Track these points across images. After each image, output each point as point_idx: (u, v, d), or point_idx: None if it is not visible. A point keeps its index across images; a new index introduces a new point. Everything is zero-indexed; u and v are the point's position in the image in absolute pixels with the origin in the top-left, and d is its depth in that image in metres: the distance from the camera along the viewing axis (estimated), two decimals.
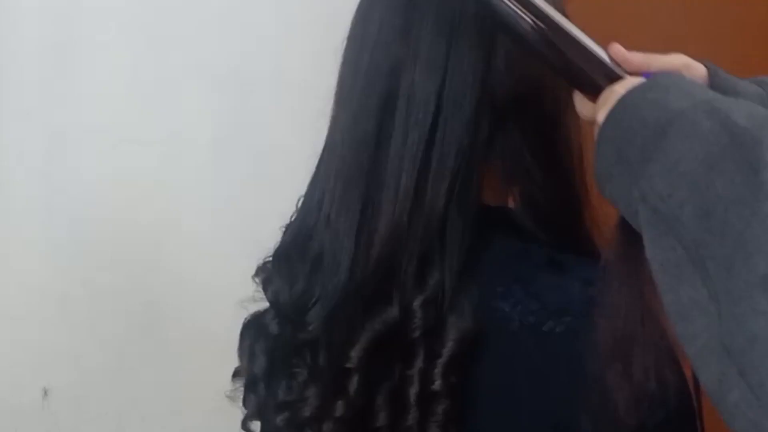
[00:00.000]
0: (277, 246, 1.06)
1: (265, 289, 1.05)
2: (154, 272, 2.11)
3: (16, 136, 2.07)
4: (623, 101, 0.78)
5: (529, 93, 0.96)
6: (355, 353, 0.90)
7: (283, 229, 1.07)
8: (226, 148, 2.12)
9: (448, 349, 0.88)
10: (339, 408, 0.91)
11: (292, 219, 1.06)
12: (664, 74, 0.81)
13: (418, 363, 0.89)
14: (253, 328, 1.06)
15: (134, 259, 2.11)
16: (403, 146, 0.92)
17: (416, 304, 0.89)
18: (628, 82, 0.83)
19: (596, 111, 0.84)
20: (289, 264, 1.01)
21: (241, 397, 1.10)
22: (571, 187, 0.98)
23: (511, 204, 1.01)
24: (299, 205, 1.06)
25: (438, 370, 0.88)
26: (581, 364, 0.84)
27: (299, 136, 1.07)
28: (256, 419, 1.05)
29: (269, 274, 1.05)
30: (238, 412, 1.16)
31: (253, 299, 1.10)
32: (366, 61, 0.96)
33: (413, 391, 0.88)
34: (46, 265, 2.09)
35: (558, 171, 0.97)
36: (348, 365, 0.90)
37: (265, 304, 1.08)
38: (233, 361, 1.15)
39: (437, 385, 0.88)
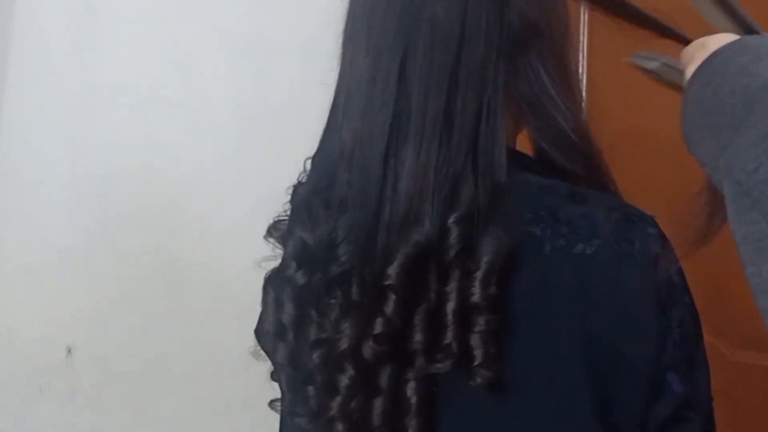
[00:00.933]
0: (294, 201, 1.06)
1: (284, 244, 1.06)
2: (177, 233, 2.13)
3: (42, 98, 2.08)
4: (711, 62, 0.77)
5: (544, 20, 0.98)
6: (392, 270, 0.91)
7: (291, 190, 1.07)
8: (249, 111, 2.13)
9: (484, 263, 0.89)
10: (378, 325, 0.92)
11: (302, 179, 1.06)
12: (755, 37, 0.80)
13: (455, 280, 0.90)
14: (276, 281, 1.06)
15: (158, 219, 2.12)
16: (429, 73, 0.93)
17: (451, 221, 0.90)
18: (720, 38, 0.81)
19: (683, 61, 0.84)
20: (311, 212, 1.01)
21: (265, 352, 1.11)
22: (581, 111, 1.01)
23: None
24: (307, 165, 1.06)
25: (477, 284, 0.89)
26: (611, 282, 0.89)
27: (320, 99, 1.07)
28: (288, 368, 1.05)
29: (287, 229, 1.05)
30: (260, 372, 1.17)
31: (269, 258, 1.11)
32: (383, 3, 0.97)
33: (451, 307, 0.90)
34: (71, 226, 2.11)
35: (571, 95, 1.00)
36: (386, 282, 0.91)
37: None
38: (253, 324, 1.16)
39: (476, 297, 0.89)
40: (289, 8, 2.12)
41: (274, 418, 1.19)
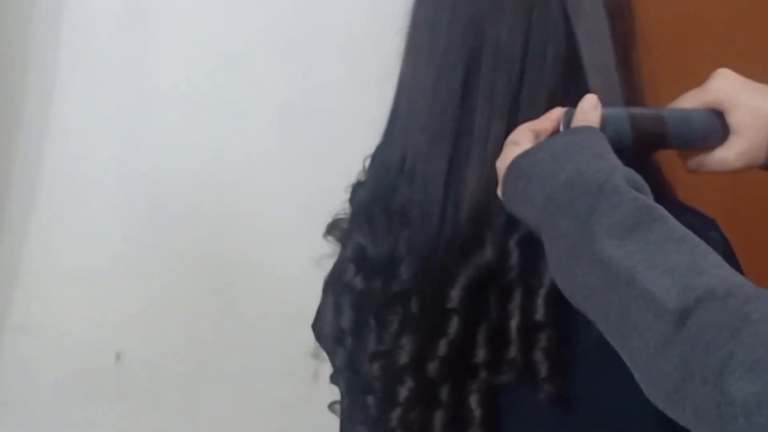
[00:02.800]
0: (354, 203, 1.08)
1: (344, 245, 1.07)
2: (224, 236, 2.13)
3: (91, 104, 2.10)
4: (504, 189, 0.89)
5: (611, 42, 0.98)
6: (455, 293, 0.93)
7: (350, 189, 1.08)
8: (294, 115, 2.13)
9: (548, 279, 0.90)
10: (441, 347, 0.93)
11: (361, 178, 1.08)
12: (531, 155, 0.87)
13: (517, 298, 0.92)
14: (336, 284, 1.08)
15: (207, 222, 2.13)
16: (492, 95, 0.94)
17: (512, 243, 0.92)
18: (504, 158, 0.90)
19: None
20: (371, 220, 1.02)
21: (326, 351, 1.12)
22: None
23: None
24: (367, 165, 1.07)
25: (540, 302, 0.91)
26: None
27: (364, 103, 1.07)
28: (346, 373, 1.07)
29: (348, 230, 1.07)
30: (308, 374, 1.18)
31: (329, 255, 1.11)
32: (446, 17, 0.98)
33: (515, 323, 0.91)
34: (122, 229, 2.12)
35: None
36: (449, 306, 0.93)
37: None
38: (303, 325, 1.16)
39: (540, 315, 0.91)
40: (334, 10, 2.12)
41: (325, 421, 1.19)
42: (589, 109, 0.89)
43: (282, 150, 2.14)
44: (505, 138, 0.93)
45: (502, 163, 0.89)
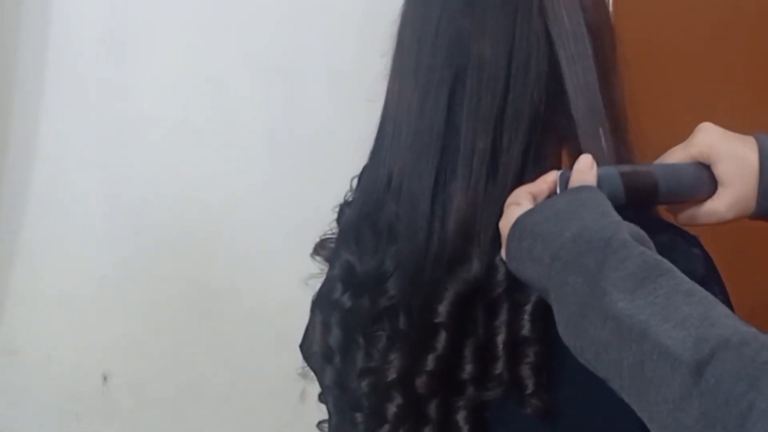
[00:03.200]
0: (341, 222, 1.09)
1: (332, 264, 1.08)
2: (210, 259, 2.14)
3: (74, 127, 2.10)
4: (512, 236, 0.89)
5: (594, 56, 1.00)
6: (443, 308, 0.94)
7: (337, 209, 1.10)
8: (280, 136, 2.14)
9: (534, 295, 0.92)
10: (430, 362, 0.94)
11: (349, 198, 1.09)
12: (535, 214, 0.89)
13: (504, 314, 0.93)
14: (324, 302, 1.09)
15: (191, 246, 2.13)
16: (477, 113, 0.95)
17: (498, 258, 0.93)
18: (506, 221, 0.92)
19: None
20: (358, 238, 1.04)
21: (312, 373, 1.14)
22: (624, 143, 1.03)
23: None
24: (354, 184, 1.09)
25: (526, 317, 0.92)
26: None
27: (350, 123, 1.08)
28: (335, 391, 1.08)
29: (335, 249, 1.08)
30: (294, 395, 1.18)
31: (317, 275, 1.12)
32: (431, 36, 0.99)
33: (501, 339, 0.93)
34: (106, 255, 2.13)
35: (615, 126, 1.01)
36: (437, 320, 0.94)
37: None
38: (289, 345, 1.17)
39: (526, 330, 0.92)
40: (318, 33, 2.14)
41: None
42: (586, 169, 0.90)
43: (267, 172, 2.15)
44: (491, 154, 0.95)
45: (505, 224, 0.91)
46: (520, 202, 0.90)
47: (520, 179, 0.95)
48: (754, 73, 1.84)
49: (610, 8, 1.92)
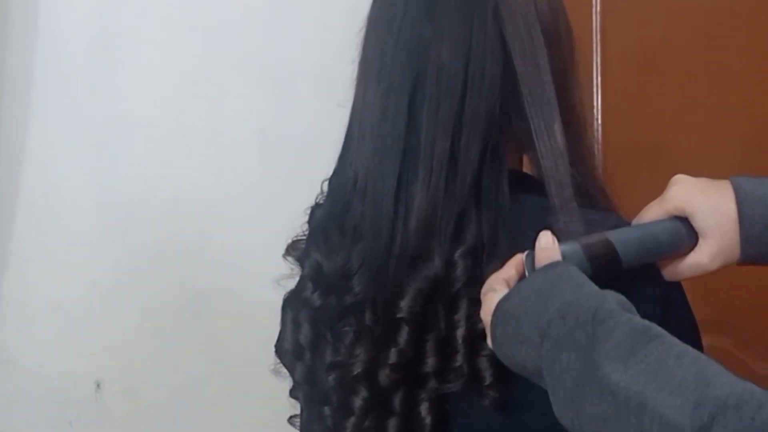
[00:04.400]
0: (311, 223, 1.12)
1: (302, 265, 1.12)
2: (200, 263, 2.14)
3: (65, 133, 2.11)
4: (495, 322, 0.90)
5: (546, 61, 1.02)
6: (404, 304, 0.97)
7: (308, 212, 1.13)
8: (269, 138, 2.14)
9: None
10: (392, 356, 0.98)
11: (319, 200, 1.12)
12: (514, 296, 0.90)
13: (463, 308, 0.97)
14: (294, 301, 1.12)
15: (182, 249, 2.13)
16: (436, 116, 0.99)
17: (457, 255, 0.97)
18: (486, 308, 0.93)
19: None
20: (327, 238, 1.07)
21: (286, 368, 1.16)
22: (583, 146, 1.07)
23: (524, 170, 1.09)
24: (324, 187, 1.12)
25: None
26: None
27: (340, 124, 1.10)
28: (305, 386, 1.11)
29: (304, 250, 1.11)
30: (285, 398, 1.19)
31: (289, 276, 1.15)
32: (392, 41, 1.03)
33: (460, 333, 0.96)
34: (97, 259, 2.13)
35: (572, 129, 1.04)
36: (399, 315, 0.97)
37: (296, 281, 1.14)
38: None
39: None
40: (306, 34, 2.14)
41: None
42: (548, 246, 0.92)
43: (257, 174, 2.15)
44: (450, 155, 0.98)
45: (486, 312, 0.92)
46: (495, 288, 0.92)
47: (479, 179, 0.98)
48: (742, 70, 1.84)
49: (598, 4, 1.93)
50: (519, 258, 0.94)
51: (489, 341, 0.92)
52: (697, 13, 1.87)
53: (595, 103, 1.93)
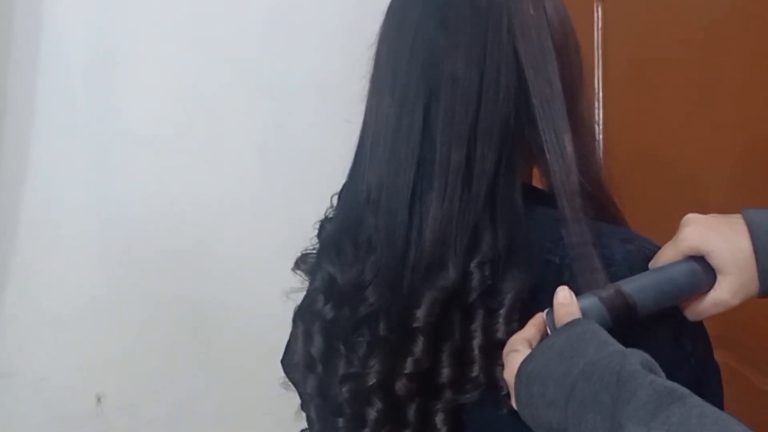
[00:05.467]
0: (322, 237, 1.12)
1: (312, 278, 1.11)
2: (201, 276, 2.14)
3: (65, 148, 2.11)
4: (519, 384, 0.90)
5: (557, 74, 1.03)
6: (420, 313, 0.97)
7: (317, 226, 1.13)
8: (270, 152, 2.15)
9: (507, 300, 0.96)
10: (408, 365, 0.98)
11: (329, 214, 1.12)
12: (537, 357, 0.90)
13: (479, 318, 0.97)
14: (305, 314, 1.11)
15: (183, 264, 2.14)
16: (451, 126, 0.99)
17: (473, 265, 0.97)
18: (510, 369, 0.93)
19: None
20: (340, 251, 1.06)
21: (293, 383, 1.16)
22: (593, 157, 1.07)
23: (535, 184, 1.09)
24: (335, 201, 1.12)
25: (500, 321, 0.96)
26: None
27: (340, 137, 1.10)
28: (317, 399, 1.10)
29: (315, 263, 1.11)
30: (286, 412, 1.18)
31: (299, 289, 1.14)
32: (406, 54, 1.03)
33: (477, 343, 0.96)
34: (97, 274, 2.13)
35: (582, 141, 1.05)
36: (414, 325, 0.97)
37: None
38: (279, 363, 1.18)
39: (500, 333, 0.95)
40: (306, 49, 2.15)
41: None
42: (567, 302, 0.92)
43: (258, 188, 2.16)
44: (465, 166, 0.98)
45: (509, 374, 0.92)
46: (517, 349, 0.92)
47: (494, 190, 0.99)
48: (740, 83, 1.85)
49: (600, 20, 1.94)
50: (540, 317, 0.94)
51: (513, 402, 0.92)
52: (696, 27, 1.88)
53: (597, 116, 1.94)
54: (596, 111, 1.95)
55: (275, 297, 1.16)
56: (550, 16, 1.04)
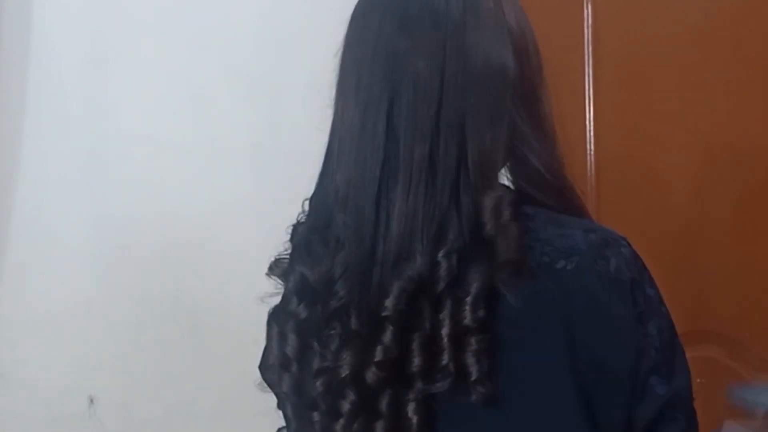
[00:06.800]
0: (294, 240, 1.14)
1: (286, 280, 1.14)
2: (194, 278, 2.14)
3: (58, 148, 2.11)
4: None
5: (515, 67, 1.08)
6: (389, 302, 1.00)
7: (290, 230, 1.15)
8: (264, 151, 2.15)
9: (473, 289, 0.98)
10: (378, 353, 1.00)
11: (301, 218, 1.15)
12: None
13: (447, 307, 0.99)
14: (279, 315, 1.14)
15: (176, 264, 2.14)
16: (414, 123, 1.02)
17: (440, 255, 0.99)
18: None
19: None
20: (310, 250, 1.09)
21: (269, 385, 1.19)
22: (556, 152, 1.12)
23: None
24: (305, 206, 1.15)
25: (467, 308, 0.98)
26: (591, 296, 0.99)
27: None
28: (293, 397, 1.12)
29: (288, 265, 1.13)
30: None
31: (273, 294, 1.16)
32: (369, 56, 1.07)
33: (445, 331, 0.98)
34: (91, 275, 2.13)
35: (544, 135, 1.11)
36: (384, 314, 1.00)
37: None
38: None
39: (468, 320, 0.98)
40: (298, 48, 2.15)
41: None
42: None
43: (252, 188, 2.16)
44: (429, 161, 1.01)
45: None
46: None
47: (456, 182, 1.01)
48: (732, 83, 1.86)
49: (589, 17, 1.95)
50: None
51: None
52: (686, 25, 1.89)
53: (587, 115, 1.95)
54: (586, 111, 1.95)
55: (269, 301, 1.17)
56: (508, 18, 1.09)
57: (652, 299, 1.02)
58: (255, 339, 1.92)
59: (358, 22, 1.11)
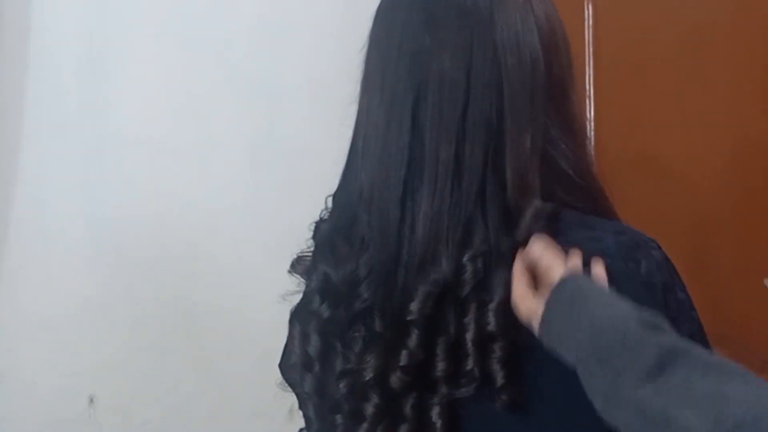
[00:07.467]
0: (317, 237, 1.12)
1: (308, 279, 1.12)
2: (193, 278, 2.14)
3: (55, 150, 2.10)
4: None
5: (546, 67, 1.05)
6: (414, 306, 0.99)
7: (313, 227, 1.13)
8: (261, 153, 2.15)
9: (497, 294, 0.97)
10: (403, 358, 0.99)
11: (324, 215, 1.12)
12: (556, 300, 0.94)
13: (471, 312, 0.98)
14: (302, 314, 1.12)
15: (174, 266, 2.13)
16: (439, 123, 1.01)
17: (465, 259, 0.98)
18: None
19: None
20: (334, 250, 1.08)
21: (290, 385, 1.17)
22: (585, 152, 1.09)
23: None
24: (330, 203, 1.12)
25: (491, 314, 0.97)
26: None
27: (331, 139, 1.10)
28: (315, 398, 1.11)
29: (311, 263, 1.12)
30: (279, 414, 1.18)
31: (295, 291, 1.14)
32: (395, 53, 1.05)
33: (469, 336, 0.97)
34: (88, 276, 2.12)
35: (573, 136, 1.07)
36: (409, 318, 0.99)
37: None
38: (275, 362, 1.18)
39: (492, 326, 0.97)
40: (298, 51, 2.15)
41: None
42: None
43: (249, 190, 2.16)
44: (455, 162, 1.00)
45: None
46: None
47: (483, 185, 1.00)
48: (731, 81, 1.86)
49: (590, 18, 1.95)
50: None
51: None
52: (687, 26, 1.89)
53: (588, 113, 1.95)
54: (587, 109, 1.95)
55: (267, 299, 1.16)
56: (537, 14, 1.05)
57: (684, 303, 1.00)
58: (252, 340, 1.93)
59: (383, 18, 1.10)
